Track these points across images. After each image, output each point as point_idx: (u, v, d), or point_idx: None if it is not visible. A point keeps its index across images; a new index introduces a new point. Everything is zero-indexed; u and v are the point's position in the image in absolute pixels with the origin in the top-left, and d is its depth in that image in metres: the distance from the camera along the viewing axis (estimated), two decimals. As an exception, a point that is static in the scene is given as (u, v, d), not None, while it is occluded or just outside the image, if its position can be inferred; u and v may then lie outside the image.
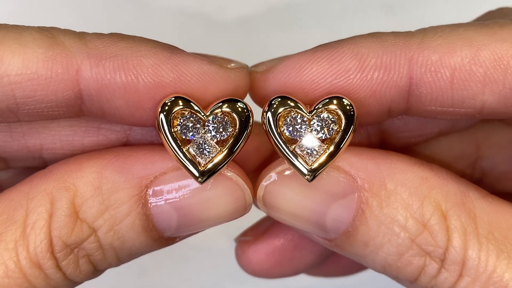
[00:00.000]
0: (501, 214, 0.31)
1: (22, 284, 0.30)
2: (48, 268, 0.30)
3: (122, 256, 0.33)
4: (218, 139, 0.31)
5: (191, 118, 0.31)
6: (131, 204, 0.31)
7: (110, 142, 0.35)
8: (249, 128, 0.31)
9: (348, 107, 0.31)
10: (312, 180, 0.31)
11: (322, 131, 0.31)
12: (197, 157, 0.31)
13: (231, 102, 0.31)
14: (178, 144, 0.31)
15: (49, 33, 0.30)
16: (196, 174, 0.31)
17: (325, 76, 0.31)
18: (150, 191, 0.31)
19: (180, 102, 0.30)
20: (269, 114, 0.31)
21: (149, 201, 0.31)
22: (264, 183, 0.32)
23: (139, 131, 0.35)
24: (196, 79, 0.31)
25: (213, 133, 0.31)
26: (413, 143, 0.39)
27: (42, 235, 0.30)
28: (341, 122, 0.31)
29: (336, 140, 0.31)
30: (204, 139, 0.31)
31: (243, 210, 0.33)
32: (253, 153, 0.37)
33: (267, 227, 0.40)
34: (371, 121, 0.33)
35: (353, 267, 0.44)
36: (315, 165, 0.31)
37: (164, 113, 0.30)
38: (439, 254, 0.30)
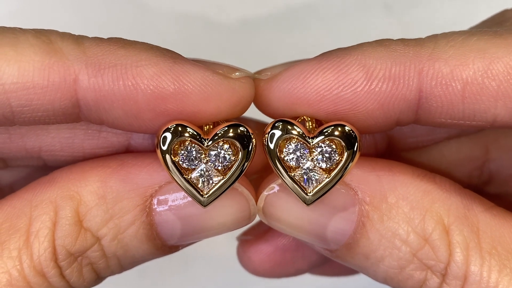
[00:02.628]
0: (506, 227, 0.30)
1: None
2: (51, 277, 0.30)
3: (125, 264, 0.32)
4: (220, 168, 0.30)
5: (193, 150, 0.29)
6: (135, 213, 0.30)
7: (111, 145, 0.34)
8: (251, 154, 0.30)
9: (351, 138, 0.29)
10: (310, 204, 0.30)
11: (323, 160, 0.30)
12: (199, 184, 0.30)
13: (233, 127, 0.29)
14: (181, 172, 0.29)
15: (47, 38, 0.28)
16: (198, 200, 0.30)
17: (331, 88, 0.29)
18: (155, 200, 0.31)
19: (181, 130, 0.29)
20: (270, 138, 0.29)
21: (154, 210, 0.31)
22: (265, 193, 0.31)
23: (140, 135, 0.34)
24: (198, 90, 0.29)
25: (215, 163, 0.30)
26: (420, 147, 0.37)
27: (46, 243, 0.29)
28: (343, 153, 0.29)
29: (336, 170, 0.29)
30: (206, 167, 0.30)
31: (247, 220, 0.32)
32: (256, 154, 0.35)
33: (269, 227, 0.40)
34: (378, 130, 0.32)
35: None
36: (313, 192, 0.30)
37: (166, 142, 0.29)
38: (441, 269, 0.29)
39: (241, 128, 0.29)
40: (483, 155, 0.37)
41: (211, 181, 0.30)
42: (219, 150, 0.30)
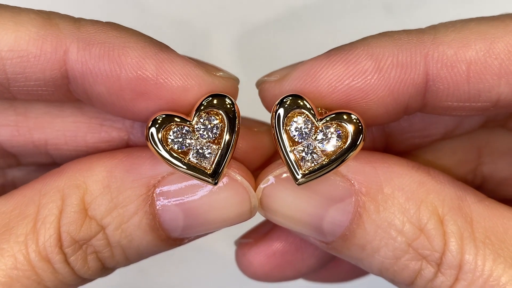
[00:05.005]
0: (498, 218, 0.29)
1: (30, 276, 0.29)
2: (56, 262, 0.29)
3: (130, 255, 0.31)
4: (212, 138, 0.29)
5: (180, 130, 0.29)
6: (138, 203, 0.30)
7: (112, 139, 0.34)
8: (235, 110, 0.29)
9: (358, 126, 0.29)
10: (300, 185, 0.29)
11: (326, 143, 0.29)
12: (200, 163, 0.29)
13: (209, 98, 0.29)
14: (179, 158, 0.29)
15: (46, 15, 0.30)
16: (207, 178, 0.29)
17: (342, 79, 0.29)
18: (158, 191, 0.30)
19: (164, 118, 0.29)
20: (280, 111, 0.29)
21: (156, 201, 0.30)
22: (262, 185, 0.31)
23: (140, 129, 0.34)
24: (178, 78, 0.29)
25: (205, 134, 0.29)
26: (418, 144, 0.37)
27: (52, 229, 0.29)
28: (346, 140, 0.29)
29: (336, 155, 0.29)
30: (200, 143, 0.29)
31: (249, 213, 0.32)
32: (253, 151, 0.35)
33: (268, 229, 0.39)
34: (387, 120, 0.32)
35: (353, 272, 0.43)
36: (307, 172, 0.29)
37: (154, 134, 0.29)
38: (436, 258, 0.29)
39: (216, 96, 0.29)
40: (476, 158, 0.37)
41: (209, 155, 0.29)
42: (203, 121, 0.29)
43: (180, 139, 0.29)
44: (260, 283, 0.40)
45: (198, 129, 0.29)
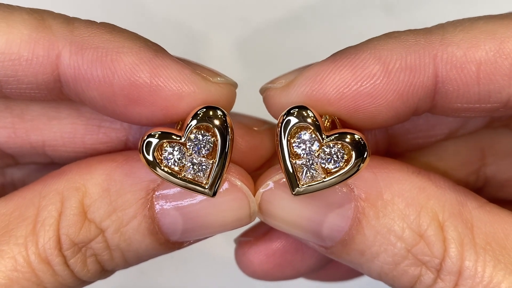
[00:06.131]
0: (499, 223, 0.29)
1: (30, 278, 0.28)
2: (56, 265, 0.29)
3: (129, 257, 0.31)
4: (206, 153, 0.29)
5: (173, 149, 0.29)
6: (137, 207, 0.30)
7: (111, 140, 0.33)
8: (227, 122, 0.28)
9: (360, 152, 0.28)
10: (295, 195, 0.29)
11: (327, 161, 0.28)
12: (196, 177, 0.29)
13: (202, 110, 0.28)
14: (174, 175, 0.29)
15: (39, 16, 0.28)
16: (204, 190, 0.29)
17: (349, 85, 0.28)
18: (157, 194, 0.30)
19: (157, 137, 0.28)
20: (286, 122, 0.28)
21: (155, 204, 0.30)
22: (261, 190, 0.30)
23: (138, 130, 0.34)
24: (173, 85, 0.28)
25: (197, 150, 0.29)
26: (421, 145, 0.36)
27: (51, 232, 0.29)
28: (348, 162, 0.28)
29: (336, 174, 0.28)
30: (194, 159, 0.29)
31: (248, 218, 0.31)
32: (253, 152, 0.34)
33: (268, 228, 0.37)
34: (396, 122, 0.31)
35: (353, 272, 0.42)
36: (305, 186, 0.29)
37: (149, 151, 0.28)
38: (435, 264, 0.28)
39: (208, 109, 0.28)
40: (480, 159, 0.37)
41: (204, 170, 0.29)
42: (195, 137, 0.29)
43: (174, 157, 0.29)
44: (259, 282, 0.39)
45: (190, 145, 0.29)
